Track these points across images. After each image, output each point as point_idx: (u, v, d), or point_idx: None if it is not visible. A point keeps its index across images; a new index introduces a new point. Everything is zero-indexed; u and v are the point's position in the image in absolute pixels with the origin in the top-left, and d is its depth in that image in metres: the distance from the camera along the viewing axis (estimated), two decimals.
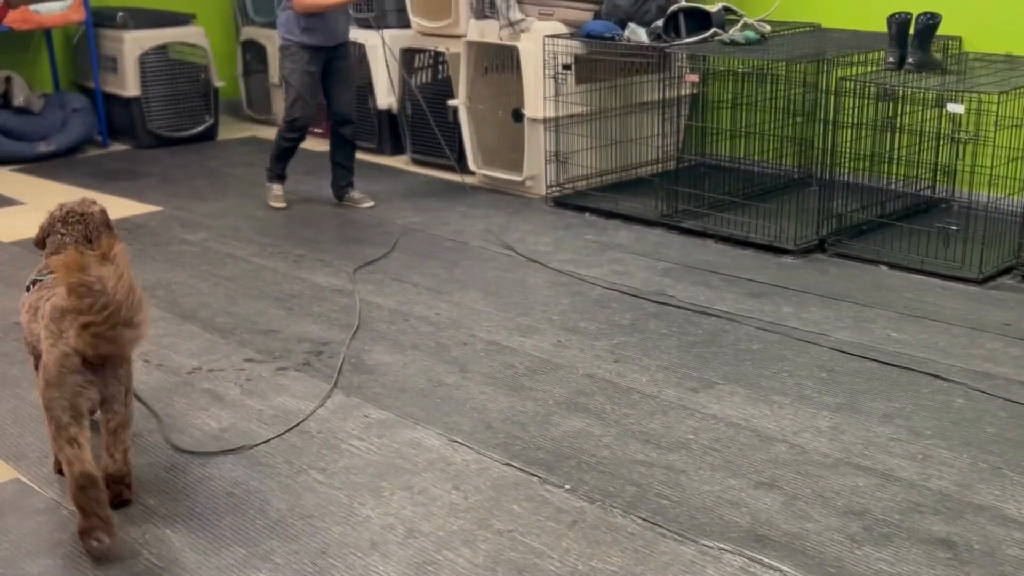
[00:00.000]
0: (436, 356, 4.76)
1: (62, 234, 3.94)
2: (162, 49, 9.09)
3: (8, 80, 8.78)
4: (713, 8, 6.69)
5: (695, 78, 6.57)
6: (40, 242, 4.01)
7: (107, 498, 3.37)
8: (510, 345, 4.85)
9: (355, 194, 7.28)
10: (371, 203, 7.23)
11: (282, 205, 7.22)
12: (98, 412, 3.48)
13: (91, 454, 3.33)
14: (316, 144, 9.08)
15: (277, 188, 7.28)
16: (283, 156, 7.21)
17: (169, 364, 4.72)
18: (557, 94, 6.96)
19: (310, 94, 6.90)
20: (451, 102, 7.64)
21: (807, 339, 4.82)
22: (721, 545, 3.32)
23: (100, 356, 3.32)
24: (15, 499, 3.67)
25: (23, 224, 6.91)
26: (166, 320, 5.22)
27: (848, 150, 6.00)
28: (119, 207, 7.26)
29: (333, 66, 6.94)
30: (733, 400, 4.26)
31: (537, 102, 7.00)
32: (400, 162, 8.43)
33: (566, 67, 6.94)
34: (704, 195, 6.66)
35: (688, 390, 4.36)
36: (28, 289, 3.84)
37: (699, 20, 6.66)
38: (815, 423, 4.06)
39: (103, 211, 4.06)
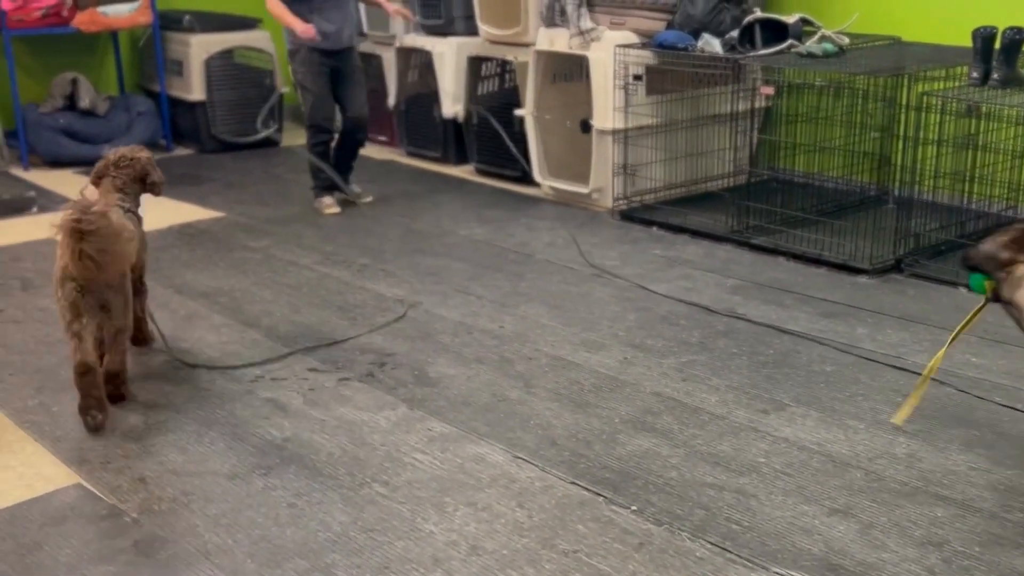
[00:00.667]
0: (500, 370, 4.75)
1: (114, 176, 4.79)
2: (228, 53, 9.20)
3: (75, 82, 8.94)
4: (790, 19, 6.65)
5: (770, 90, 6.52)
6: (96, 182, 4.82)
7: (102, 382, 4.22)
8: (575, 361, 4.84)
9: (356, 188, 7.59)
10: (369, 198, 7.56)
11: (336, 210, 7.33)
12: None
13: (92, 347, 4.18)
14: (378, 152, 9.15)
15: (328, 199, 7.41)
16: (322, 164, 7.34)
17: (232, 372, 4.76)
18: (627, 105, 6.94)
19: (326, 93, 7.19)
20: (518, 112, 7.65)
21: (883, 362, 4.76)
22: (793, 573, 3.28)
23: (90, 280, 4.13)
24: (77, 504, 3.71)
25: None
26: (229, 327, 5.27)
27: (928, 167, 5.93)
28: (182, 212, 7.35)
29: (342, 71, 7.21)
30: (806, 423, 4.22)
31: (606, 113, 6.99)
32: (465, 172, 8.45)
33: (637, 77, 6.93)
34: (776, 211, 6.61)
35: (759, 412, 4.32)
36: None
37: (775, 31, 6.62)
38: (891, 449, 4.01)
39: (150, 157, 4.92)
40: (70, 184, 8.14)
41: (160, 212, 7.20)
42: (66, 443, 4.13)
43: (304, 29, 6.82)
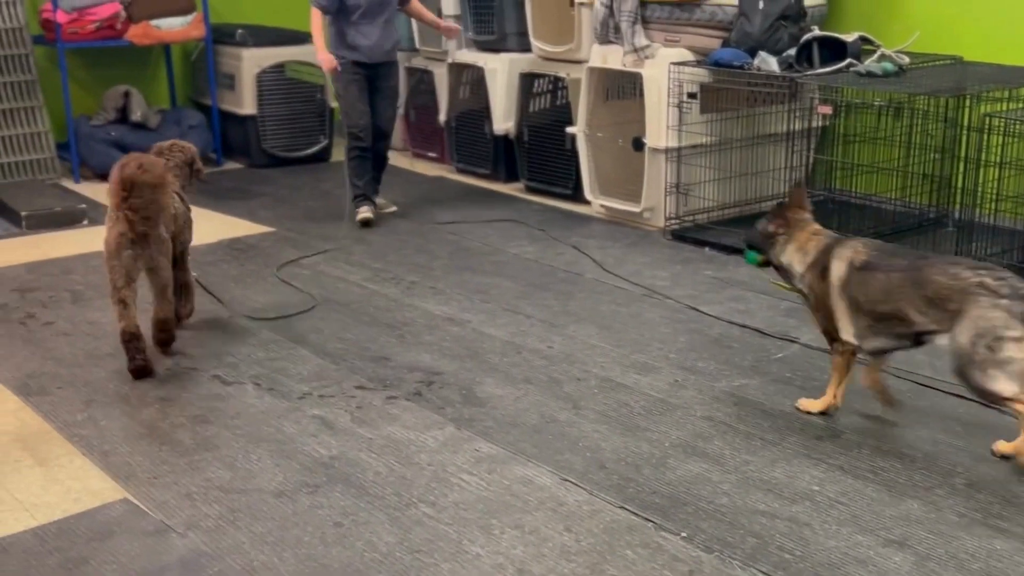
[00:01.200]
0: (549, 391, 4.76)
1: (167, 159, 5.49)
2: (279, 68, 9.29)
3: (127, 95, 9.06)
4: (849, 38, 6.62)
5: (827, 110, 6.50)
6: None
7: (144, 346, 4.91)
8: (625, 383, 4.83)
9: (379, 200, 7.77)
10: (393, 207, 7.81)
11: (367, 215, 7.53)
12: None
13: (134, 314, 4.87)
14: (428, 168, 9.20)
15: (364, 210, 7.57)
16: (359, 172, 7.57)
17: (280, 388, 4.79)
18: (680, 123, 6.94)
19: (360, 100, 7.46)
20: (570, 129, 7.66)
21: (942, 388, 4.72)
22: None
23: (140, 233, 4.82)
24: (124, 520, 3.75)
25: None
26: (276, 343, 5.31)
27: (989, 190, 5.87)
28: (231, 226, 7.43)
29: (376, 84, 7.47)
30: (862, 451, 4.18)
31: (659, 131, 6.99)
32: (514, 189, 8.47)
33: (691, 95, 6.92)
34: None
35: (813, 438, 4.29)
36: None
37: (834, 50, 6.60)
38: (950, 480, 3.97)
39: (193, 149, 5.74)
40: None
41: (209, 226, 7.29)
42: (114, 457, 4.18)
43: (326, 60, 7.26)
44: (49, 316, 5.74)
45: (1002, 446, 4.11)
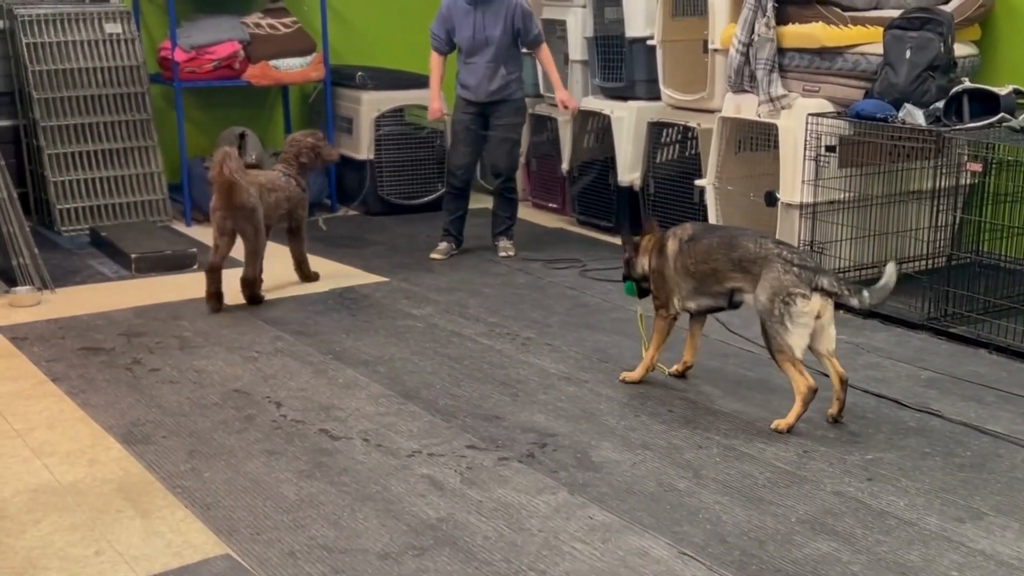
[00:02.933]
0: (668, 457, 4.76)
1: (285, 153, 7.31)
2: (399, 112, 9.46)
3: (242, 136, 9.28)
4: (1003, 90, 6.54)
5: (977, 167, 6.42)
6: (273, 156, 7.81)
7: (217, 279, 6.79)
8: (749, 451, 4.81)
9: (502, 243, 8.14)
10: (510, 252, 8.13)
11: (437, 257, 7.97)
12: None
13: (220, 257, 6.76)
14: (548, 219, 9.29)
15: (441, 246, 8.03)
16: (447, 208, 8.09)
17: (388, 445, 4.87)
18: (817, 177, 6.91)
19: (463, 142, 7.97)
20: (699, 182, 7.68)
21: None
22: None
23: (224, 205, 6.72)
24: None
25: (284, 288, 7.34)
26: (387, 398, 5.40)
27: None
28: (344, 276, 7.58)
29: (490, 123, 7.89)
30: (1006, 536, 4.10)
31: (794, 185, 6.98)
32: None
33: (830, 148, 6.89)
34: (978, 298, 6.47)
35: (953, 520, 4.22)
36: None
37: (985, 103, 6.52)
38: None
39: (314, 142, 7.42)
40: None
41: (321, 275, 7.47)
42: (217, 511, 4.29)
43: (433, 109, 7.92)
44: (156, 362, 5.92)
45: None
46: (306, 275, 7.45)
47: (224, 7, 9.59)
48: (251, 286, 6.91)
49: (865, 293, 5.11)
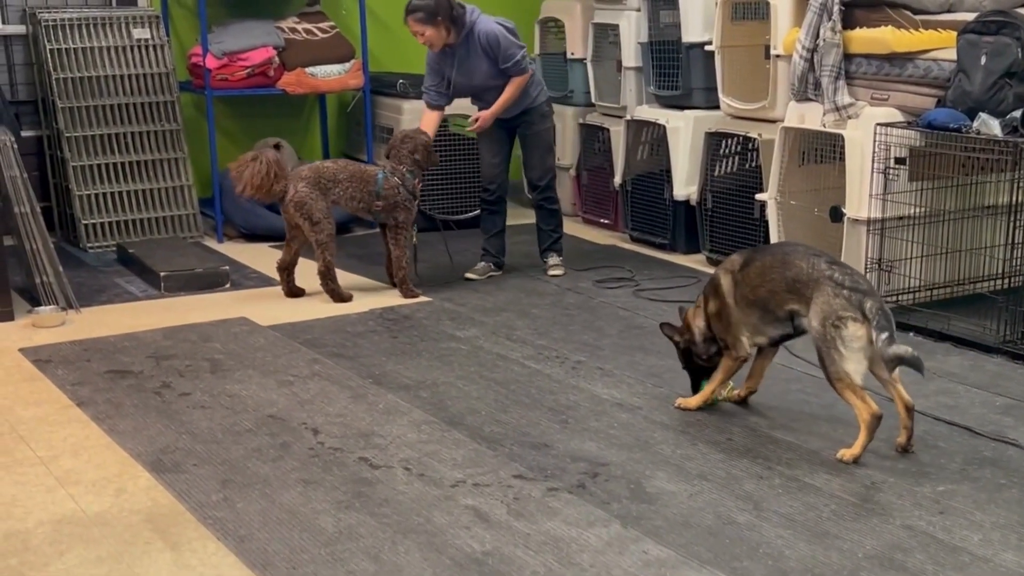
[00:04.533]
0: (726, 488, 4.79)
1: (397, 149, 7.71)
2: (442, 122, 9.48)
3: (277, 147, 9.39)
4: None
5: None
6: (388, 154, 7.83)
7: (288, 277, 7.65)
8: (813, 483, 4.84)
9: (550, 259, 8.18)
10: (559, 272, 8.17)
11: (472, 277, 8.05)
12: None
13: (289, 253, 7.60)
14: (599, 235, 9.34)
15: (478, 266, 8.13)
16: (483, 226, 8.18)
17: (431, 474, 4.94)
18: (886, 191, 6.93)
19: (489, 152, 8.11)
20: (760, 196, 7.72)
21: None
22: None
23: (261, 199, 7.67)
24: None
25: (280, 307, 7.38)
26: (430, 425, 5.47)
27: None
28: (384, 295, 7.68)
29: (520, 133, 7.98)
30: None
31: (861, 200, 7.00)
32: (695, 261, 8.54)
33: (899, 160, 6.90)
34: None
35: None
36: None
37: None
38: None
39: (425, 142, 7.76)
40: (266, 258, 8.56)
41: (361, 294, 7.58)
42: (251, 543, 4.35)
43: (478, 119, 7.95)
44: (186, 386, 6.01)
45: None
46: (402, 284, 7.66)
47: (258, 11, 9.71)
48: (323, 278, 7.48)
49: (896, 347, 5.01)
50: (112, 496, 4.76)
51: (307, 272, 7.72)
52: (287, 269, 7.65)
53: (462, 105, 9.12)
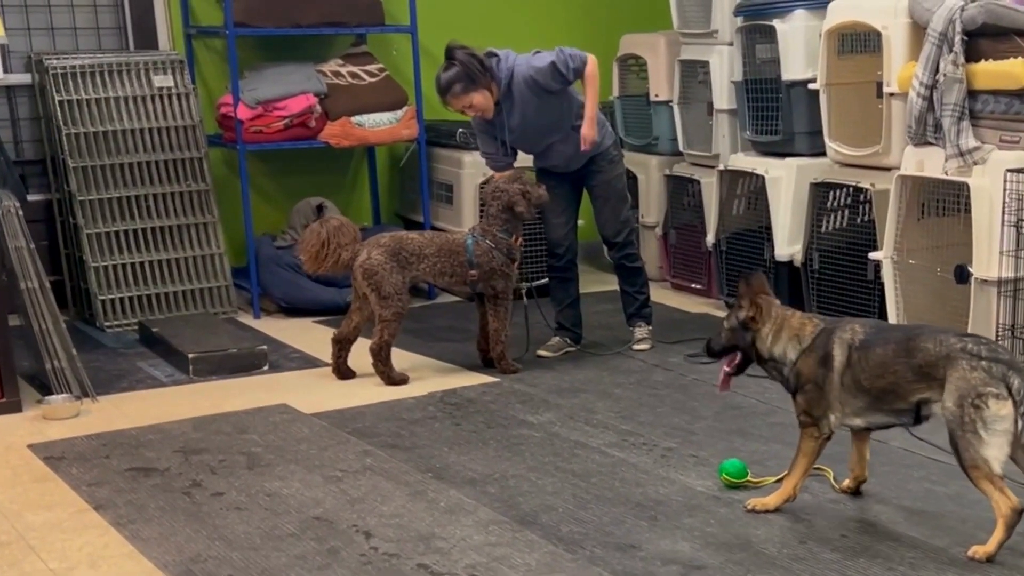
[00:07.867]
0: None
1: (490, 205, 7.81)
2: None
3: (320, 209, 9.40)
4: None
5: None
6: (481, 210, 8.31)
7: (341, 352, 7.79)
8: None
9: (637, 331, 8.21)
10: (645, 346, 8.25)
11: (545, 354, 8.10)
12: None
13: (348, 326, 7.78)
14: (691, 302, 9.36)
15: (552, 341, 8.18)
16: (554, 297, 8.24)
17: None
18: (1018, 247, 6.94)
19: (553, 212, 8.10)
20: (874, 255, 7.74)
21: None
22: None
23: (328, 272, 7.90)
24: None
25: (326, 392, 7.48)
26: (499, 525, 5.51)
27: None
28: (445, 375, 7.76)
29: (586, 185, 8.03)
30: None
31: (990, 257, 7.02)
32: None
33: None
34: None
35: None
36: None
37: None
38: None
39: (520, 188, 7.69)
40: (309, 336, 8.66)
41: (419, 375, 7.65)
42: None
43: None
44: (219, 485, 6.03)
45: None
46: (500, 360, 7.83)
47: (296, 53, 9.76)
48: (375, 358, 7.59)
49: None
50: None
51: (362, 352, 7.73)
52: (343, 343, 7.76)
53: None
